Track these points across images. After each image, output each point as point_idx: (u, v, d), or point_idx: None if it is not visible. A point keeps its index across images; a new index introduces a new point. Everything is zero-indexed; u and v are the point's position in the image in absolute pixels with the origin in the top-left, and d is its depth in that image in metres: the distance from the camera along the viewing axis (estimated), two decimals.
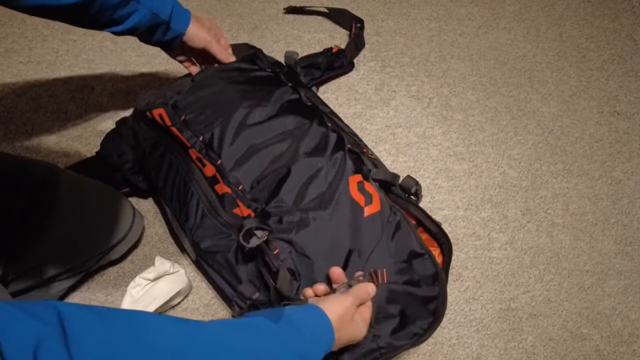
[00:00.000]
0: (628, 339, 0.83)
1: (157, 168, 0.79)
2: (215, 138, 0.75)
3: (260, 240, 0.64)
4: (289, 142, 0.75)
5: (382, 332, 0.67)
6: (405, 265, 0.71)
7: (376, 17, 1.21)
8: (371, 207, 0.71)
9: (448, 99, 1.08)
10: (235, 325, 0.48)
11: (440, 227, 0.75)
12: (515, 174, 0.99)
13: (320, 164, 0.72)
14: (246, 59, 0.87)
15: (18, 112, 0.97)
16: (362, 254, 0.69)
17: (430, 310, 0.69)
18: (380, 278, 0.67)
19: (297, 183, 0.71)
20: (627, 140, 1.06)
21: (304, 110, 0.81)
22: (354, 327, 0.58)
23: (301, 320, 0.52)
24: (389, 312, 0.68)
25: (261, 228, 0.65)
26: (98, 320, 0.37)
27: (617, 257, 0.91)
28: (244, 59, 0.87)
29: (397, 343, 0.67)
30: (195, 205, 0.74)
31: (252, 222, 0.65)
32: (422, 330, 0.68)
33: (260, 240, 0.64)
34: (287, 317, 0.51)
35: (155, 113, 0.79)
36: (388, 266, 0.70)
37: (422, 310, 0.69)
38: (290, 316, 0.51)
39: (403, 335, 0.67)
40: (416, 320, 0.68)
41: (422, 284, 0.70)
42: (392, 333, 0.67)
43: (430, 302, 0.70)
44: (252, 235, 0.64)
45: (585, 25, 1.26)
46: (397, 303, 0.68)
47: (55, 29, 1.10)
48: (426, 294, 0.70)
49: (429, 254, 0.71)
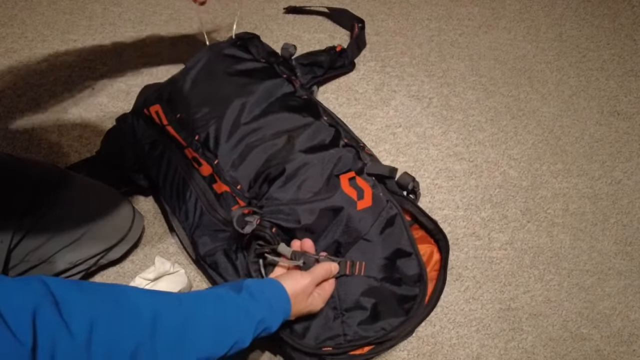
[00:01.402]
0: (628, 339, 0.83)
1: (157, 166, 0.79)
2: (211, 137, 0.75)
3: (254, 224, 0.65)
4: (284, 138, 0.75)
5: (350, 321, 0.68)
6: (388, 262, 0.71)
7: (376, 17, 1.21)
8: (363, 202, 0.71)
9: (448, 99, 1.08)
10: (204, 295, 0.56)
11: (436, 223, 0.75)
12: (515, 174, 0.99)
13: (315, 160, 0.72)
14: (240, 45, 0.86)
15: (18, 112, 0.97)
16: (347, 245, 0.70)
17: (405, 309, 0.69)
18: (358, 270, 0.70)
19: (290, 181, 0.71)
20: (627, 140, 1.06)
21: (299, 104, 0.80)
22: (311, 300, 0.64)
23: (259, 291, 0.58)
24: (361, 304, 0.69)
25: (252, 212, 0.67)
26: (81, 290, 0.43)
27: (617, 257, 0.91)
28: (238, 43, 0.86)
29: (363, 334, 0.68)
30: (193, 203, 0.74)
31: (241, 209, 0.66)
32: (391, 327, 0.68)
33: (254, 224, 0.65)
34: (247, 288, 0.58)
35: (152, 110, 0.79)
36: (370, 260, 0.70)
37: (397, 308, 0.69)
38: (250, 287, 0.58)
39: (371, 328, 0.68)
40: (388, 317, 0.69)
41: (402, 282, 0.71)
42: (360, 324, 0.68)
43: (406, 302, 0.70)
44: (245, 223, 0.66)
45: (585, 25, 1.26)
46: (371, 297, 0.69)
47: (55, 28, 1.10)
48: (405, 293, 0.70)
49: (416, 254, 0.71)
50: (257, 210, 0.68)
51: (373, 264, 0.71)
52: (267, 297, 0.59)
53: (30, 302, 0.38)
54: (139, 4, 1.18)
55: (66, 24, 1.12)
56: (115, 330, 0.43)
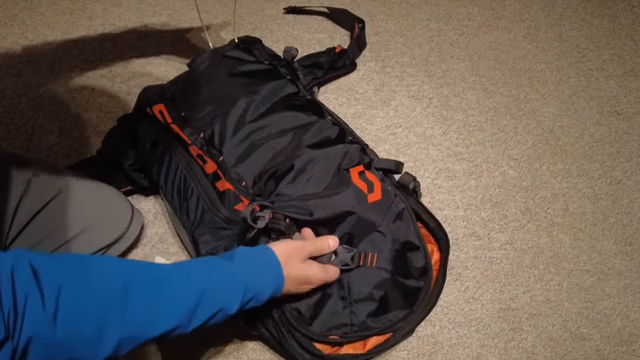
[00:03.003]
0: (628, 338, 0.83)
1: (158, 165, 0.79)
2: (216, 134, 0.75)
3: (266, 218, 0.65)
4: (290, 136, 0.75)
5: (359, 311, 0.68)
6: (398, 254, 0.71)
7: (376, 17, 1.21)
8: (373, 195, 0.72)
9: (448, 99, 1.08)
10: (186, 263, 0.55)
11: (438, 221, 0.75)
12: (515, 174, 0.99)
13: (322, 156, 0.73)
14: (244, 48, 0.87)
15: (18, 112, 0.97)
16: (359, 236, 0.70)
17: (410, 302, 0.70)
18: (370, 261, 0.70)
19: (299, 176, 0.71)
20: (627, 140, 1.06)
21: (303, 104, 0.81)
22: (306, 266, 0.62)
23: (246, 256, 0.57)
24: (371, 295, 0.69)
25: (263, 207, 0.66)
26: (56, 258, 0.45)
27: (617, 257, 0.91)
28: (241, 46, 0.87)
29: (371, 324, 0.68)
30: (195, 202, 0.75)
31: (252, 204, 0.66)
32: (397, 319, 0.69)
33: (266, 218, 0.65)
34: (236, 255, 0.57)
35: (156, 109, 0.79)
36: (381, 252, 0.71)
37: (403, 301, 0.70)
38: (238, 254, 0.57)
39: (378, 320, 0.68)
40: (394, 309, 0.69)
41: (410, 275, 0.71)
42: (369, 315, 0.69)
43: (412, 295, 0.70)
44: (257, 217, 0.65)
45: (585, 25, 1.26)
46: (381, 289, 0.69)
47: (55, 29, 1.10)
48: (411, 286, 0.71)
49: (424, 248, 0.72)
50: (268, 204, 0.67)
51: (384, 255, 0.71)
52: (254, 260, 0.57)
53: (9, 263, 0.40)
54: (139, 4, 1.18)
55: (66, 24, 1.12)
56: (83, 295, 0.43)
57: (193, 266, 0.55)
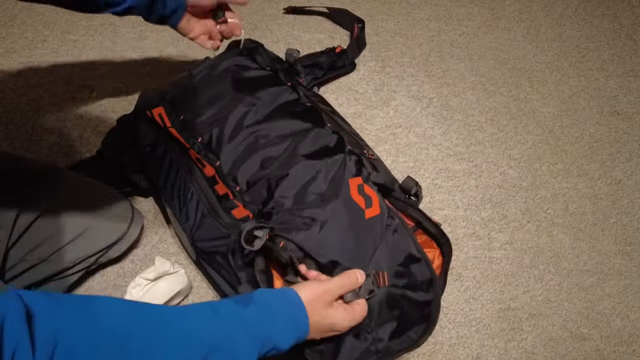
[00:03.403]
0: (628, 339, 0.83)
1: (158, 167, 0.79)
2: (214, 139, 0.75)
3: (263, 240, 0.63)
4: (287, 143, 0.75)
5: (382, 336, 0.66)
6: (402, 268, 0.70)
7: (376, 17, 1.21)
8: (371, 210, 0.70)
9: (448, 99, 1.08)
10: (195, 308, 0.48)
11: (440, 228, 0.75)
12: (515, 174, 0.99)
13: (319, 165, 0.72)
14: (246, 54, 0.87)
15: (18, 112, 0.97)
16: (365, 256, 0.69)
17: (425, 315, 0.69)
18: (382, 281, 0.66)
19: (295, 185, 0.71)
20: (627, 140, 1.06)
21: (302, 111, 0.81)
22: (332, 313, 0.54)
23: (267, 301, 0.50)
24: (388, 315, 0.67)
25: (261, 227, 0.64)
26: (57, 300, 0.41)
27: (617, 257, 0.91)
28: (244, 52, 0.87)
29: (395, 347, 0.66)
30: (195, 205, 0.74)
31: (250, 224, 0.63)
32: (417, 336, 0.67)
33: (263, 240, 0.63)
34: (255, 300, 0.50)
35: (155, 112, 0.79)
36: (387, 269, 0.69)
37: (418, 316, 0.69)
38: (257, 299, 0.50)
39: (401, 340, 0.67)
40: (413, 326, 0.68)
41: (417, 288, 0.70)
42: (391, 337, 0.66)
43: (425, 308, 0.69)
44: (254, 237, 0.63)
45: (585, 25, 1.26)
46: (396, 307, 0.68)
47: (55, 29, 1.10)
48: (422, 299, 0.70)
49: (425, 259, 0.71)
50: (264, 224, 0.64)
51: (392, 271, 0.69)
52: (275, 308, 0.51)
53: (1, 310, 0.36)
54: None
55: (66, 24, 1.12)
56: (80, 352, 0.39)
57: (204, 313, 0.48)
